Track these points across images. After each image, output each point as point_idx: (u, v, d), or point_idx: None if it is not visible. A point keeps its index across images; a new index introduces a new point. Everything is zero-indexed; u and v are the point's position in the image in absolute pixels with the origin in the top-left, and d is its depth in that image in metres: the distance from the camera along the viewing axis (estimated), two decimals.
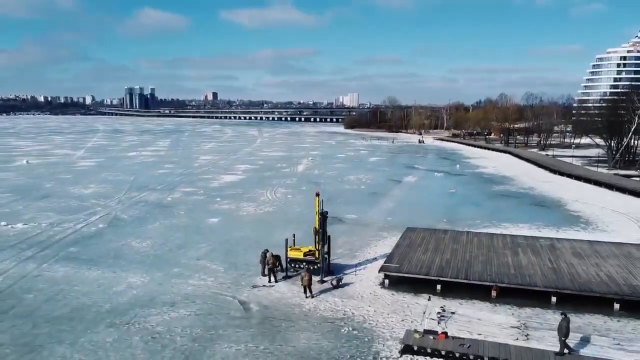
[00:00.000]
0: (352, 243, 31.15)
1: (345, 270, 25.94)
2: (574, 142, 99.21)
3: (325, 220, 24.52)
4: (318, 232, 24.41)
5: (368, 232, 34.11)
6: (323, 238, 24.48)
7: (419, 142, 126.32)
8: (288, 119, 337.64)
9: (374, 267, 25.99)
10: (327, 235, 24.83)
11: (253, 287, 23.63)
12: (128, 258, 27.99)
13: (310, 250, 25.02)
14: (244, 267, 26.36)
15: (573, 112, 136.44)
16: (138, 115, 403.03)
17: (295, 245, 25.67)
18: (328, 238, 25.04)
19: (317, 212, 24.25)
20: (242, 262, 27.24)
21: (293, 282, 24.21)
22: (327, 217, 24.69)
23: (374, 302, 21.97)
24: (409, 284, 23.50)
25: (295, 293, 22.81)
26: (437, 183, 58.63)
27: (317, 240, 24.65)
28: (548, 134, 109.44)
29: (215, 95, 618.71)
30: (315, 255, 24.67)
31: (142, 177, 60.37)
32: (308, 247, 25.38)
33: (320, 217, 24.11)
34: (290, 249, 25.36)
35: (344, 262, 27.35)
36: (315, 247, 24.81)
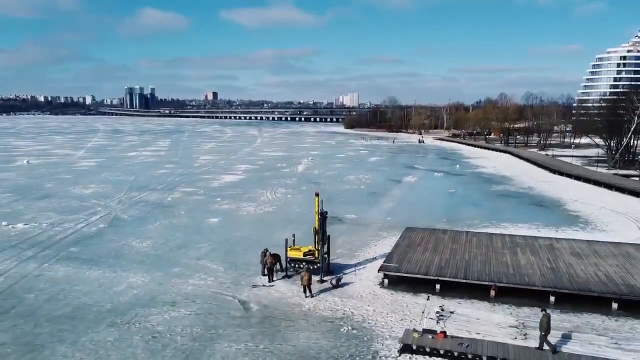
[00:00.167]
0: (351, 243, 31.25)
1: (345, 270, 26.05)
2: (574, 142, 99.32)
3: (325, 220, 24.65)
4: (318, 232, 24.51)
5: (367, 232, 34.21)
6: (323, 238, 24.58)
7: (419, 142, 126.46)
8: (288, 119, 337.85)
9: (374, 266, 26.09)
10: (326, 235, 24.96)
11: (253, 286, 23.74)
12: (128, 258, 28.11)
13: (310, 250, 25.12)
14: (244, 266, 26.48)
15: (573, 112, 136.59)
16: (138, 115, 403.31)
17: (295, 245, 25.78)
18: (328, 238, 25.17)
19: (316, 212, 24.35)
20: (242, 261, 27.36)
21: (293, 281, 24.32)
22: (326, 217, 24.83)
23: (373, 301, 22.07)
24: (408, 284, 23.61)
25: (295, 293, 22.91)
26: (436, 183, 58.73)
27: (316, 240, 24.75)
28: (548, 134, 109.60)
29: (216, 95, 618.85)
30: (315, 255, 24.77)
31: (142, 177, 60.49)
32: (308, 247, 25.48)
33: (320, 217, 24.21)
34: (290, 249, 25.46)
35: (344, 261, 27.46)
36: (315, 247, 24.91)
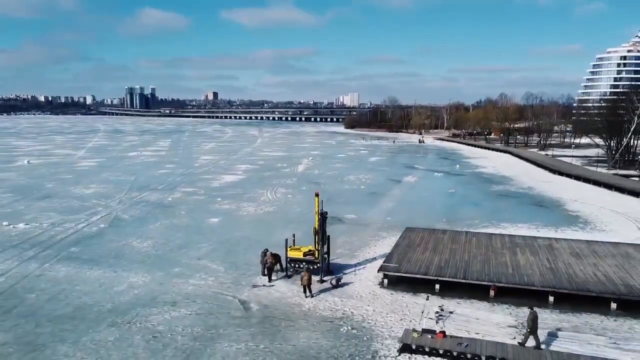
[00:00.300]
0: (351, 243, 31.34)
1: (345, 270, 26.14)
2: (574, 142, 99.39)
3: (325, 221, 24.73)
4: (318, 232, 24.60)
5: (367, 232, 34.29)
6: (323, 238, 24.67)
7: (419, 142, 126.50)
8: (288, 119, 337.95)
9: (373, 266, 26.17)
10: (326, 235, 25.05)
11: (253, 286, 23.83)
12: (129, 258, 28.20)
13: (310, 250, 25.21)
14: (245, 266, 26.56)
15: (573, 111, 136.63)
16: (138, 115, 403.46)
17: (295, 245, 25.87)
18: (328, 238, 25.26)
19: (316, 212, 24.43)
20: (242, 261, 27.44)
21: (293, 281, 24.40)
22: (326, 217, 24.92)
23: (373, 301, 22.16)
24: (408, 284, 23.69)
25: (295, 292, 23.00)
26: (436, 183, 58.79)
27: (316, 240, 24.83)
28: (548, 134, 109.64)
29: (216, 95, 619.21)
30: (315, 255, 24.85)
31: (142, 177, 60.58)
32: (308, 247, 25.57)
33: (320, 217, 24.30)
34: (290, 249, 25.54)
35: (344, 261, 27.54)
36: (315, 247, 24.99)
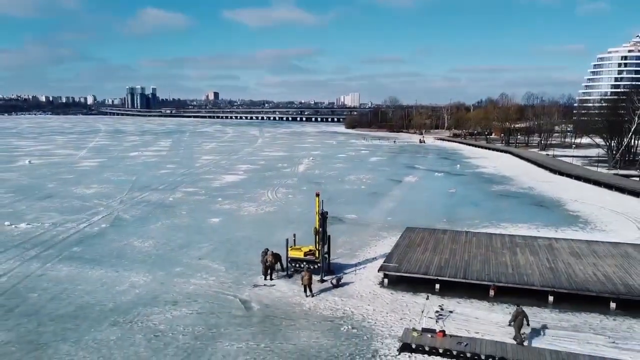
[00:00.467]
0: (352, 243, 31.43)
1: (345, 270, 26.23)
2: (574, 142, 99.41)
3: (326, 220, 24.82)
4: (318, 232, 24.70)
5: (368, 232, 34.38)
6: (323, 238, 24.77)
7: (420, 142, 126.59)
8: (289, 119, 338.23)
9: (374, 266, 26.26)
10: (327, 235, 25.14)
11: (254, 286, 23.93)
12: (130, 257, 28.32)
13: (311, 250, 25.31)
14: (245, 266, 26.66)
15: (574, 111, 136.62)
16: (139, 115, 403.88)
17: (296, 245, 25.96)
18: (328, 238, 25.35)
19: (317, 212, 24.54)
20: (243, 261, 27.55)
21: (293, 281, 24.49)
22: (327, 217, 24.99)
23: (373, 301, 22.25)
24: (408, 283, 23.78)
25: (296, 292, 23.10)
26: (437, 183, 58.87)
27: (317, 240, 24.94)
28: (549, 134, 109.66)
29: (217, 95, 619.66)
30: (316, 255, 24.95)
31: (144, 177, 60.72)
32: (308, 246, 25.66)
33: (321, 217, 24.40)
34: (291, 249, 25.63)
35: (344, 261, 27.64)
36: (316, 246, 25.10)
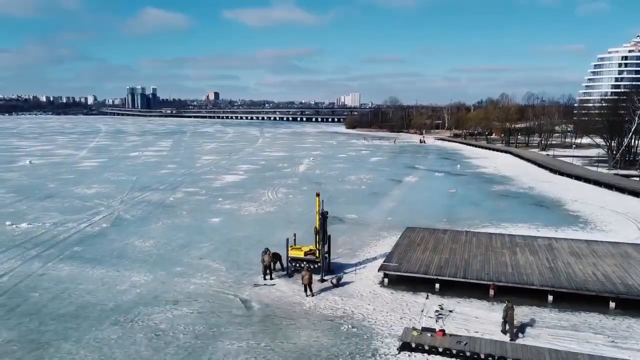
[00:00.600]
0: (352, 242, 31.50)
1: (345, 269, 26.31)
2: (575, 142, 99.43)
3: (326, 220, 24.90)
4: (319, 231, 24.78)
5: (368, 231, 34.45)
6: (323, 238, 24.84)
7: (420, 142, 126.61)
8: (290, 119, 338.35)
9: (374, 266, 26.33)
10: (327, 235, 25.21)
11: (254, 285, 24.01)
12: (131, 257, 28.40)
13: (311, 250, 25.38)
14: (246, 266, 26.74)
15: (574, 112, 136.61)
16: (140, 116, 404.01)
17: (296, 245, 26.03)
18: (328, 238, 25.42)
19: (317, 212, 24.62)
20: (243, 261, 27.62)
21: (294, 281, 24.56)
22: (327, 217, 25.07)
23: (374, 300, 22.32)
24: (408, 283, 23.85)
25: (296, 292, 23.17)
26: (437, 183, 58.93)
27: (317, 240, 25.01)
28: (549, 134, 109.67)
29: (217, 95, 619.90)
30: (316, 255, 25.03)
31: (144, 177, 60.80)
32: (309, 246, 25.73)
33: (321, 217, 24.47)
34: (291, 249, 25.69)
35: (344, 261, 27.71)
36: (316, 246, 25.17)
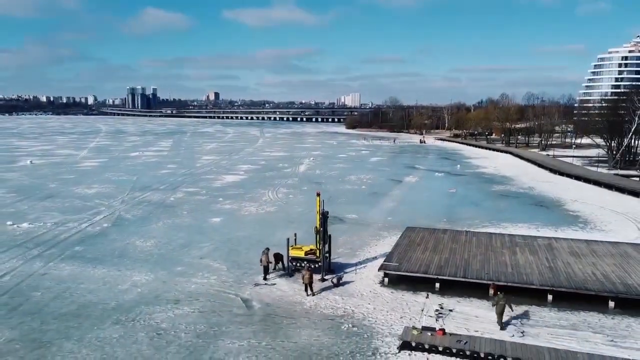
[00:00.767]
0: (352, 242, 31.59)
1: (346, 269, 26.39)
2: (575, 142, 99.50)
3: (326, 220, 24.96)
4: (319, 231, 24.86)
5: (368, 231, 34.53)
6: (324, 237, 24.91)
7: (420, 142, 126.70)
8: (290, 119, 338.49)
9: (374, 265, 26.41)
10: (328, 235, 25.29)
11: (255, 285, 24.09)
12: (132, 257, 28.49)
13: (312, 250, 25.46)
14: (247, 265, 26.82)
15: (574, 112, 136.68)
16: (140, 116, 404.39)
17: (297, 245, 26.12)
18: (329, 237, 25.48)
19: (318, 211, 24.71)
20: (244, 260, 27.71)
21: (294, 280, 24.65)
22: (327, 216, 25.13)
23: (374, 299, 22.40)
24: (408, 282, 23.93)
25: (297, 291, 23.26)
26: (437, 183, 59.01)
27: (318, 240, 25.10)
28: (549, 134, 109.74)
29: (217, 95, 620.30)
30: (316, 254, 25.11)
31: (145, 177, 60.89)
32: (309, 246, 25.83)
33: (321, 216, 24.56)
34: (292, 248, 25.78)
35: (345, 261, 27.80)
36: (317, 246, 25.26)
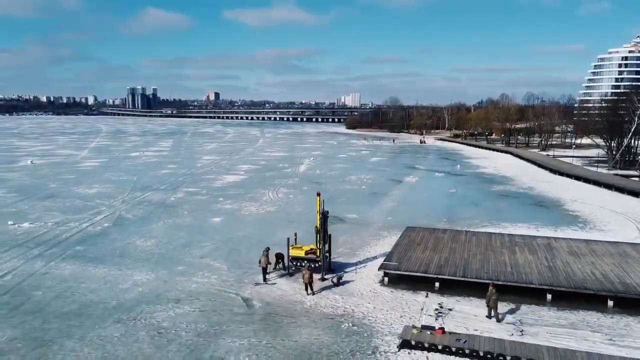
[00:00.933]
0: (352, 242, 31.68)
1: (346, 269, 26.49)
2: (575, 142, 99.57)
3: (326, 220, 25.06)
4: (319, 231, 24.96)
5: (368, 231, 34.62)
6: (324, 237, 25.01)
7: (420, 142, 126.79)
8: (290, 119, 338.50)
9: (374, 265, 26.51)
10: (328, 234, 25.39)
11: (256, 284, 24.18)
12: (133, 256, 28.58)
13: (312, 249, 25.55)
14: (247, 265, 26.91)
15: (574, 112, 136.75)
16: (140, 116, 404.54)
17: (297, 244, 26.21)
18: (329, 237, 25.59)
19: (318, 211, 24.81)
20: (244, 260, 27.80)
21: (295, 279, 24.75)
22: (328, 216, 25.24)
23: (374, 299, 22.50)
24: (408, 282, 24.02)
25: (297, 290, 23.35)
26: (437, 183, 59.09)
27: (318, 239, 25.19)
28: (549, 135, 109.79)
29: (217, 95, 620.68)
30: (317, 254, 25.20)
31: (145, 177, 60.98)
32: (309, 245, 25.92)
33: (322, 216, 24.65)
34: (292, 248, 25.87)
35: (345, 260, 27.89)
36: (317, 245, 25.35)
